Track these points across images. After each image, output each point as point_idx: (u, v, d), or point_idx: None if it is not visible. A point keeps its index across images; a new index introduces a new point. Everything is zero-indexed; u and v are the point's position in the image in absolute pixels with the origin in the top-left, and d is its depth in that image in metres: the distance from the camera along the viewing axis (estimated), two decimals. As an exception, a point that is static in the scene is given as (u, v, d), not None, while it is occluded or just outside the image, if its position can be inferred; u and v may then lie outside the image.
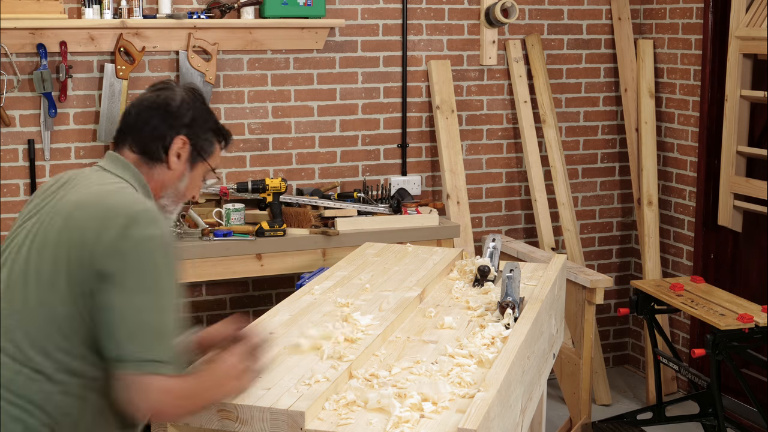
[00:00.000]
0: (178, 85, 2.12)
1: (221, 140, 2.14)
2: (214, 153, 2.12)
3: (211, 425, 2.07)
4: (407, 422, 2.00)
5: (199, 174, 2.11)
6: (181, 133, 2.06)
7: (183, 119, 2.06)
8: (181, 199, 2.12)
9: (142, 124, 2.06)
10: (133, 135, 2.06)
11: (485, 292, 2.99)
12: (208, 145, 2.10)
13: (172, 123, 2.05)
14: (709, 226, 4.71)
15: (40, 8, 3.96)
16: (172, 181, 2.08)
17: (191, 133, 2.07)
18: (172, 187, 2.09)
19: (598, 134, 5.08)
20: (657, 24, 4.94)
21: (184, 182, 2.10)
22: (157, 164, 2.06)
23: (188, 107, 2.07)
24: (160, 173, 2.07)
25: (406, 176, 4.73)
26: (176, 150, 2.06)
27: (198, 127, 2.08)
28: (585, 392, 4.06)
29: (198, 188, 2.13)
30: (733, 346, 3.68)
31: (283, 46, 4.40)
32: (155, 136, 2.05)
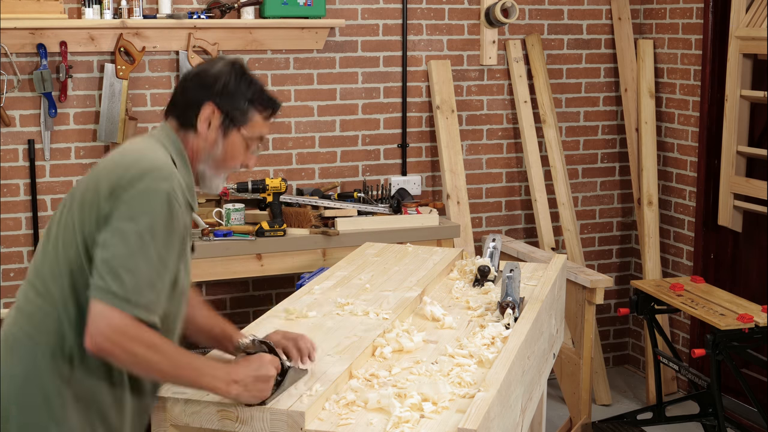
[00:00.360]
0: (225, 59, 2.18)
1: (263, 110, 2.15)
2: (249, 122, 2.14)
3: (211, 425, 2.07)
4: (407, 422, 2.00)
5: (236, 142, 2.14)
6: (210, 99, 2.10)
7: (214, 88, 2.11)
8: (222, 167, 2.15)
9: (181, 93, 2.15)
10: (175, 103, 2.16)
11: (485, 292, 2.99)
12: (241, 114, 2.12)
13: (204, 91, 2.11)
14: (709, 226, 4.71)
15: (40, 8, 3.96)
16: (205, 148, 2.12)
17: (222, 101, 2.11)
18: (205, 153, 2.13)
19: (598, 134, 5.08)
20: (657, 24, 4.94)
21: (218, 150, 2.13)
22: (191, 131, 2.12)
23: (223, 77, 2.12)
24: (194, 140, 2.12)
25: (406, 176, 4.73)
26: (206, 117, 2.11)
27: (230, 96, 2.11)
28: (585, 392, 4.06)
29: (240, 157, 2.15)
30: (733, 346, 3.68)
31: (283, 46, 4.40)
32: (188, 103, 2.12)
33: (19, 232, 4.18)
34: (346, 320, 2.65)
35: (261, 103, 2.15)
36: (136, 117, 4.22)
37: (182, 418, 2.09)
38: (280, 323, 2.62)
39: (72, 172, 4.21)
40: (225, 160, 2.15)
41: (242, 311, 4.49)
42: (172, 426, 2.10)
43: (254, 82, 2.15)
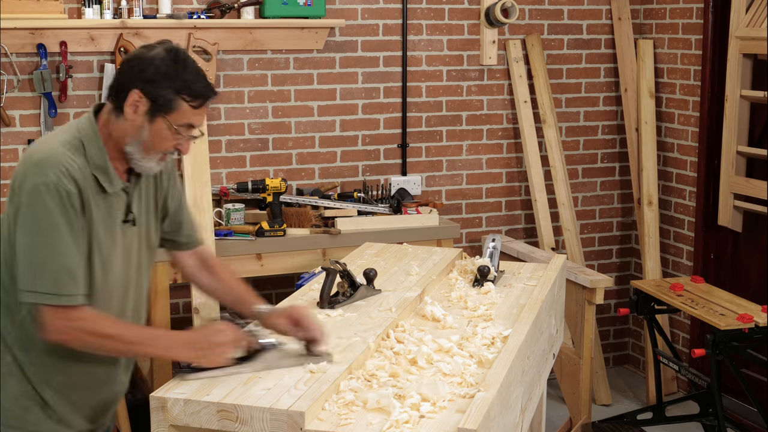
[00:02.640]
0: (164, 44, 2.22)
1: (191, 100, 2.19)
2: (176, 111, 2.18)
3: (211, 425, 2.07)
4: (407, 422, 2.00)
5: (161, 128, 2.19)
6: (137, 86, 2.16)
7: (144, 74, 2.16)
8: (150, 150, 2.21)
9: (116, 77, 2.23)
10: (110, 86, 2.24)
11: (485, 292, 2.99)
12: (167, 102, 2.17)
13: (134, 77, 2.17)
14: (709, 226, 4.71)
15: (40, 8, 3.96)
16: (131, 131, 2.19)
17: (149, 88, 2.16)
18: (131, 137, 2.20)
19: (598, 134, 5.08)
20: (657, 24, 4.94)
21: (144, 134, 2.19)
22: (120, 114, 2.20)
23: (155, 64, 2.17)
24: (122, 123, 2.19)
25: (406, 176, 4.73)
26: (132, 102, 2.17)
27: (158, 84, 2.16)
28: (585, 392, 4.06)
29: (169, 143, 2.21)
30: (733, 346, 3.68)
31: (283, 46, 4.40)
32: (119, 88, 2.20)
33: (19, 232, 4.17)
34: (346, 320, 2.65)
35: (189, 93, 2.18)
36: (136, 117, 4.22)
37: (182, 418, 2.09)
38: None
39: (72, 172, 4.21)
40: (153, 145, 2.21)
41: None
42: (171, 426, 2.10)
43: (187, 71, 2.18)
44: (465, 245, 4.86)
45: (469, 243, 4.88)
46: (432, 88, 4.73)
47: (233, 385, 2.15)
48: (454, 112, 4.78)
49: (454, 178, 4.82)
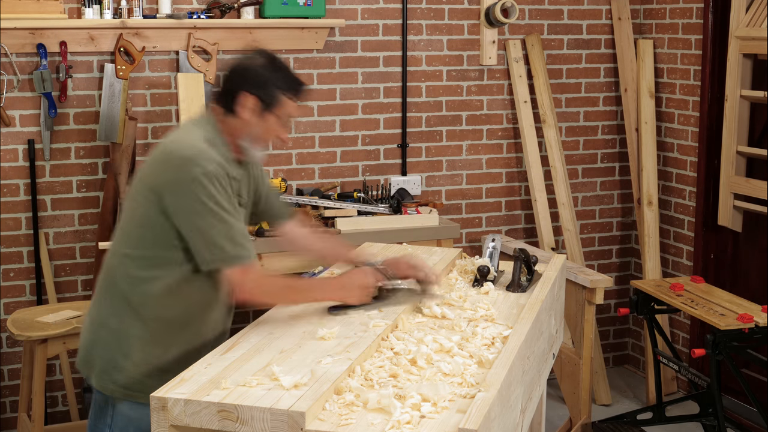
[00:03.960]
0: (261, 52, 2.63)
1: (290, 94, 2.59)
2: (280, 105, 2.58)
3: (212, 425, 2.07)
4: (408, 423, 2.00)
5: (270, 121, 2.59)
6: (244, 89, 2.55)
7: (249, 79, 2.56)
8: (260, 141, 2.61)
9: (222, 84, 2.62)
10: (217, 93, 2.64)
11: (485, 292, 2.99)
12: (273, 99, 2.56)
13: (240, 82, 2.57)
14: (709, 226, 4.71)
15: (40, 8, 3.96)
16: (244, 128, 2.58)
17: (256, 89, 2.55)
18: (246, 132, 2.58)
19: (598, 134, 5.08)
20: (657, 24, 4.94)
21: (256, 129, 2.58)
22: (230, 115, 2.58)
23: (256, 69, 2.57)
24: (234, 122, 2.58)
25: (406, 176, 4.73)
26: (241, 104, 2.56)
27: (262, 85, 2.56)
28: (585, 392, 4.06)
29: (275, 132, 2.61)
30: (733, 346, 3.68)
31: (283, 46, 4.40)
32: (228, 93, 2.58)
33: (19, 232, 4.18)
34: (346, 320, 2.65)
35: (288, 88, 2.59)
36: (136, 117, 4.22)
37: (182, 418, 2.09)
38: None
39: (72, 172, 4.22)
40: (262, 137, 2.60)
41: (243, 311, 4.49)
42: (172, 426, 2.10)
43: (283, 71, 2.59)
44: (465, 245, 4.86)
45: (469, 243, 4.88)
46: (432, 88, 4.73)
47: (235, 384, 2.15)
48: (454, 112, 4.78)
49: (454, 178, 4.82)
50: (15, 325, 3.59)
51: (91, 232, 4.27)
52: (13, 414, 4.25)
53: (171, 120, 4.33)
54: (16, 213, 4.17)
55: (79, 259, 4.27)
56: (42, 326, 3.58)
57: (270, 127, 2.60)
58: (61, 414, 4.34)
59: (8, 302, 4.21)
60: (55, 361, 4.29)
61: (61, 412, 4.34)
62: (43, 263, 4.19)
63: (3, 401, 4.27)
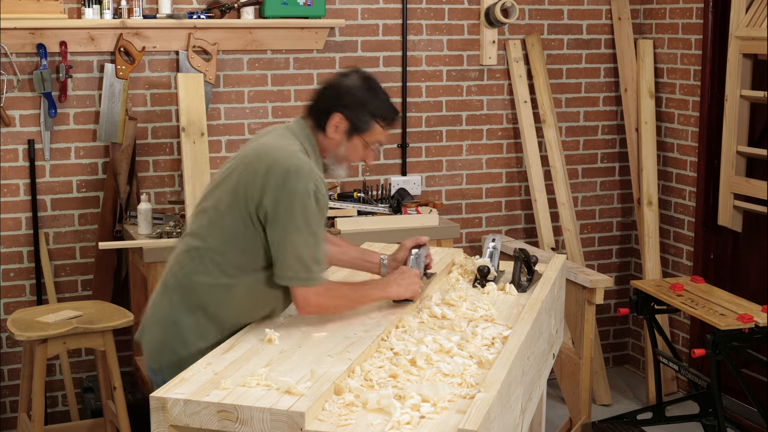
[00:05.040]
0: (358, 72, 2.67)
1: (382, 122, 2.64)
2: (370, 130, 2.62)
3: (211, 425, 2.07)
4: (408, 423, 2.00)
5: (357, 145, 2.64)
6: (338, 111, 2.59)
7: (343, 100, 2.60)
8: (343, 162, 2.67)
9: (316, 100, 2.65)
10: (312, 107, 2.66)
11: (485, 292, 2.99)
12: (364, 124, 2.61)
13: (335, 102, 2.60)
14: (709, 226, 4.71)
15: (40, 8, 3.96)
16: (331, 147, 2.63)
17: (348, 112, 2.59)
18: (331, 152, 2.64)
19: (598, 134, 5.08)
20: (657, 24, 4.94)
21: (342, 150, 2.63)
22: (320, 132, 2.63)
23: (352, 91, 2.61)
24: (323, 140, 2.63)
25: (406, 176, 4.73)
26: (334, 124, 2.60)
27: (356, 108, 2.59)
28: (585, 392, 4.06)
29: (360, 156, 2.66)
30: (733, 346, 3.68)
31: (283, 46, 4.40)
32: (320, 110, 2.62)
33: (19, 232, 4.18)
34: (346, 321, 2.65)
35: (382, 116, 2.63)
36: (135, 117, 4.22)
37: (182, 418, 2.09)
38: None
39: (72, 172, 4.22)
40: (346, 158, 2.66)
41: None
42: (171, 426, 2.10)
43: (379, 97, 2.64)
44: (465, 245, 4.86)
45: (469, 243, 4.88)
46: (432, 88, 4.73)
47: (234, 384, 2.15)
48: (454, 112, 4.78)
49: (454, 178, 4.82)
50: (15, 325, 3.59)
51: (91, 232, 4.27)
52: (13, 414, 4.25)
53: (171, 120, 4.33)
54: (16, 213, 4.17)
55: (79, 259, 4.27)
56: (42, 326, 3.58)
57: (356, 150, 2.65)
58: (61, 414, 4.34)
59: (8, 302, 4.21)
60: (55, 361, 4.29)
61: (61, 412, 4.34)
62: (43, 263, 4.19)
63: (3, 401, 4.27)
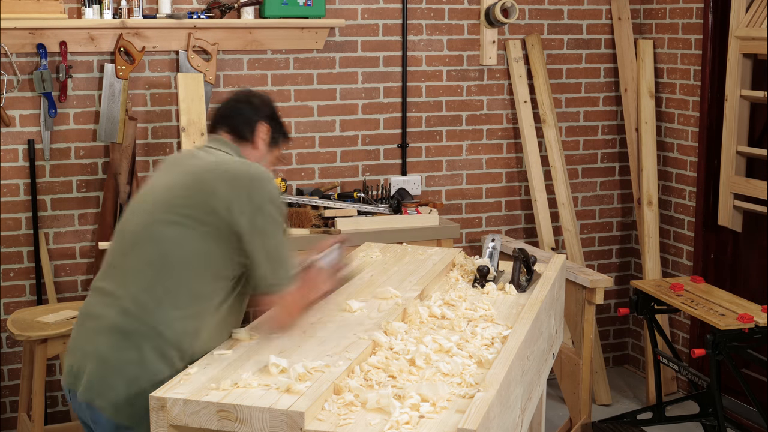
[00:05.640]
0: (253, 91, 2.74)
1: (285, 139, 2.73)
2: (282, 143, 2.71)
3: (211, 425, 2.07)
4: (407, 423, 2.00)
5: (273, 158, 2.69)
6: (264, 120, 2.63)
7: (264, 111, 2.65)
8: None
9: (234, 113, 2.64)
10: (228, 121, 2.63)
11: (485, 292, 2.99)
12: (280, 134, 2.69)
13: (257, 112, 2.63)
14: (709, 226, 4.71)
15: (40, 8, 3.96)
16: (255, 159, 2.61)
17: (272, 122, 2.65)
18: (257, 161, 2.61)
19: (598, 134, 5.08)
20: (657, 24, 4.94)
21: (264, 161, 2.64)
22: (245, 144, 2.62)
23: (266, 104, 2.68)
24: (247, 152, 2.62)
25: (406, 176, 4.73)
26: (261, 133, 2.63)
27: (275, 120, 2.67)
28: (585, 392, 4.06)
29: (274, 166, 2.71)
30: (733, 346, 3.68)
31: (283, 46, 4.40)
32: (245, 121, 2.62)
33: (19, 232, 4.18)
34: (346, 321, 2.65)
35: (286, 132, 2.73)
36: (136, 117, 4.22)
37: (182, 418, 2.09)
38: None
39: (72, 172, 4.22)
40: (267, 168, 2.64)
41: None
42: (171, 426, 2.10)
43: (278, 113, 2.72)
44: (465, 245, 4.86)
45: (469, 243, 4.88)
46: (432, 88, 4.73)
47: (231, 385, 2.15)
48: (454, 112, 4.79)
49: (454, 178, 4.82)
50: (15, 325, 3.60)
51: (91, 232, 4.27)
52: (13, 414, 4.25)
53: (171, 120, 4.33)
54: (16, 213, 4.17)
55: (79, 259, 4.27)
56: (42, 326, 3.58)
57: (273, 160, 2.68)
58: (61, 414, 4.34)
59: (8, 302, 4.21)
60: (55, 361, 4.29)
61: (61, 412, 4.34)
62: (43, 263, 4.19)
63: (3, 401, 4.27)
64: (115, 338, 2.34)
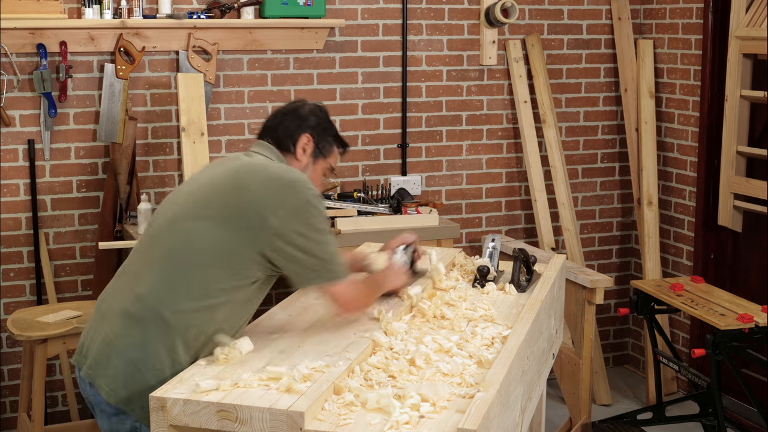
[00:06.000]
0: (311, 102, 2.73)
1: (340, 147, 2.72)
2: (332, 154, 2.69)
3: (211, 425, 2.07)
4: (407, 423, 2.00)
5: (319, 169, 2.67)
6: (306, 132, 2.63)
7: (309, 122, 2.64)
8: None
9: (278, 124, 2.65)
10: (271, 132, 2.65)
11: (485, 292, 2.99)
12: (328, 147, 2.67)
13: (300, 124, 2.63)
14: (709, 226, 4.71)
15: (40, 8, 3.96)
16: (299, 169, 2.60)
17: (315, 133, 2.64)
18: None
19: (598, 134, 5.08)
20: (657, 24, 4.94)
21: (307, 173, 2.62)
22: (287, 155, 2.63)
23: (314, 114, 2.67)
24: (290, 162, 2.62)
25: (406, 176, 4.73)
26: (302, 144, 2.63)
27: (321, 130, 2.65)
28: (585, 392, 4.06)
29: (318, 183, 2.66)
30: (733, 346, 3.68)
31: (283, 46, 4.40)
32: (287, 132, 2.63)
33: (19, 232, 4.18)
34: (346, 321, 2.65)
35: (340, 140, 2.72)
36: (136, 117, 4.22)
37: (182, 418, 2.09)
38: (281, 319, 2.63)
39: (72, 172, 4.22)
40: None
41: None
42: (171, 426, 2.10)
43: (333, 125, 2.72)
44: (465, 245, 4.86)
45: (469, 243, 4.88)
46: (432, 88, 4.73)
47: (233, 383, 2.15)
48: (454, 112, 4.79)
49: (454, 178, 4.82)
50: (15, 325, 3.59)
51: (91, 232, 4.27)
52: (13, 414, 4.25)
53: (171, 120, 4.33)
54: (16, 213, 4.17)
55: (79, 259, 4.27)
56: (42, 326, 3.58)
57: (317, 174, 2.67)
58: (61, 414, 4.34)
59: (8, 302, 4.21)
60: (55, 361, 4.29)
61: (61, 412, 4.34)
62: (43, 263, 4.19)
63: (3, 401, 4.27)
64: (124, 321, 2.40)
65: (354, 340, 2.48)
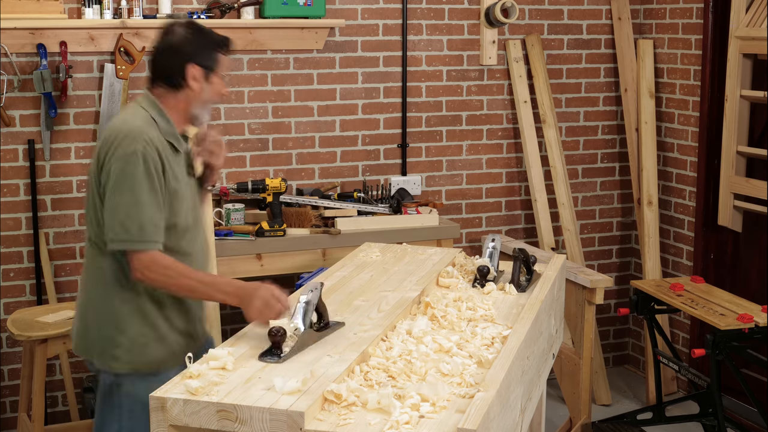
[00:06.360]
0: (178, 24, 2.70)
1: (222, 50, 2.71)
2: (219, 62, 2.71)
3: (211, 425, 2.07)
4: (407, 423, 2.00)
5: (216, 81, 2.70)
6: (187, 62, 2.65)
7: (185, 51, 2.65)
8: (209, 103, 2.72)
9: (160, 66, 2.69)
10: (157, 75, 2.69)
11: (485, 292, 2.99)
12: (213, 59, 2.69)
13: (179, 59, 2.65)
14: (709, 226, 4.71)
15: (40, 8, 3.96)
16: (195, 97, 2.68)
17: (196, 59, 2.66)
18: (197, 101, 2.69)
19: (598, 134, 5.08)
20: (657, 24, 4.94)
21: (206, 94, 2.69)
22: (181, 90, 2.67)
23: (185, 40, 2.66)
24: (187, 95, 2.68)
25: (406, 176, 4.73)
26: (191, 76, 2.66)
27: (199, 52, 2.66)
28: (585, 392, 4.06)
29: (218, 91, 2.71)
30: (733, 346, 3.68)
31: (283, 46, 4.40)
32: (172, 73, 2.66)
33: (19, 232, 4.18)
34: (346, 321, 2.65)
35: (219, 45, 2.71)
36: (136, 117, 4.22)
37: (181, 418, 2.09)
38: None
39: (72, 172, 4.22)
40: (210, 100, 2.72)
41: (242, 311, 4.48)
42: (171, 426, 2.10)
43: (206, 33, 2.70)
44: (465, 245, 4.86)
45: (469, 243, 4.88)
46: (432, 88, 4.73)
47: (234, 384, 2.15)
48: (454, 112, 4.79)
49: (454, 178, 4.83)
50: (15, 325, 3.60)
51: (91, 232, 4.27)
52: (13, 414, 4.25)
53: (171, 120, 4.33)
54: (16, 213, 4.17)
55: (79, 259, 4.27)
56: (42, 326, 3.58)
57: (216, 88, 2.71)
58: (61, 414, 4.34)
59: (8, 302, 4.21)
60: (55, 361, 4.29)
61: (61, 412, 4.34)
62: (43, 263, 4.19)
63: (3, 401, 4.27)
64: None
65: (354, 340, 2.47)
